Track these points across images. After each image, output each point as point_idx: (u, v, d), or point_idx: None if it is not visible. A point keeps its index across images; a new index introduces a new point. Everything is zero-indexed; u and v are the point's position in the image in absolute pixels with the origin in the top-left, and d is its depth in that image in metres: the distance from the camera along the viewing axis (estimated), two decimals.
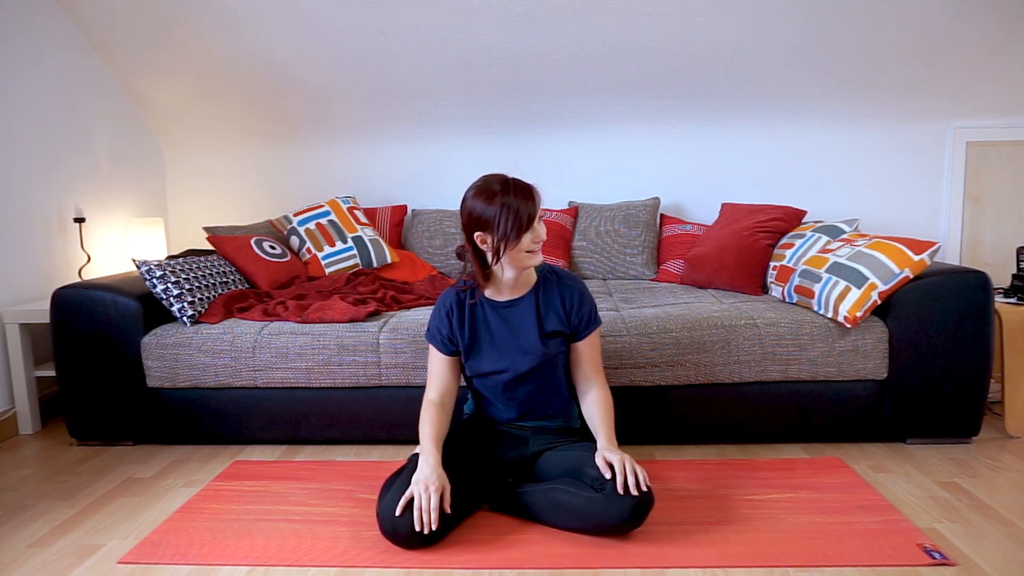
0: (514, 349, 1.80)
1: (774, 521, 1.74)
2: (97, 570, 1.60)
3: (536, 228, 1.69)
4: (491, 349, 1.81)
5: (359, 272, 3.02)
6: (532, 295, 1.82)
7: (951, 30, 2.88)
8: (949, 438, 2.25)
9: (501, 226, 1.65)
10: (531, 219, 1.67)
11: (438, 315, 1.85)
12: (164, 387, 2.32)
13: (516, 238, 1.66)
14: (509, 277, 1.78)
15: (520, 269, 1.75)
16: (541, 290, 1.83)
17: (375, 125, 3.47)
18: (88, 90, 3.07)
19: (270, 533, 1.74)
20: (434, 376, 1.86)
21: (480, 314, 1.82)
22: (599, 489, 1.64)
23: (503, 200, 1.65)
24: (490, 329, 1.82)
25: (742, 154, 3.42)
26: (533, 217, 1.68)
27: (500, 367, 1.80)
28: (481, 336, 1.82)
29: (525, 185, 1.70)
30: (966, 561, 1.56)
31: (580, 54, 3.04)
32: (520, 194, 1.67)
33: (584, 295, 1.83)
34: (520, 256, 1.70)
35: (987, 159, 3.30)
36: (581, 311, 1.81)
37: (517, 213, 1.65)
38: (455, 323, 1.82)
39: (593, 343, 1.85)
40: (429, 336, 1.87)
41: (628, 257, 3.17)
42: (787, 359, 2.20)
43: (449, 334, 1.83)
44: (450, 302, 1.84)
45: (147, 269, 2.33)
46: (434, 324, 1.85)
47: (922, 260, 2.13)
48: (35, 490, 2.06)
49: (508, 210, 1.64)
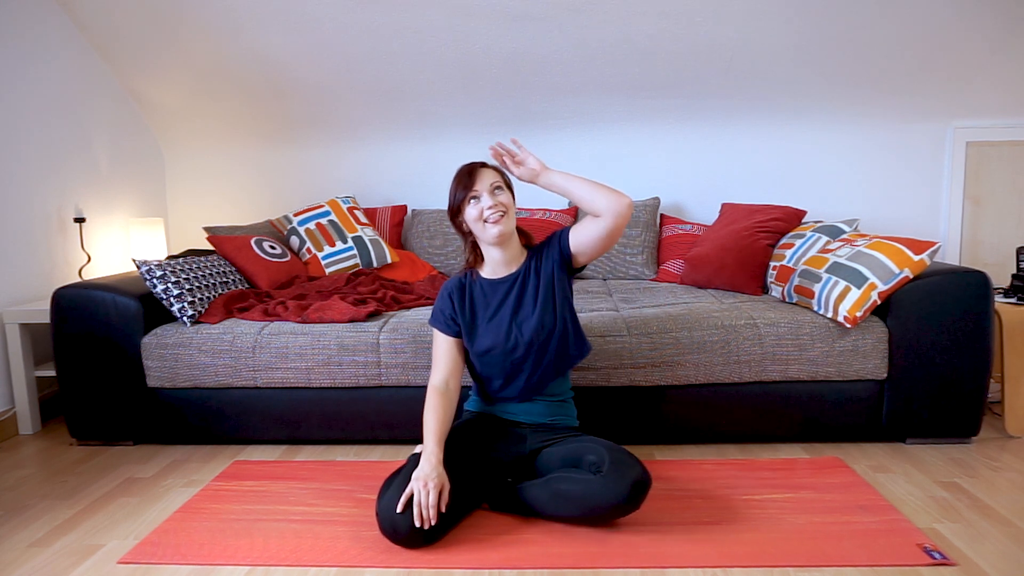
0: (512, 323, 1.83)
1: (774, 521, 1.74)
2: (97, 570, 1.60)
3: (481, 198, 1.76)
4: (489, 325, 1.85)
5: (359, 272, 3.02)
6: (525, 268, 1.87)
7: (951, 30, 2.88)
8: (949, 438, 2.25)
9: (448, 201, 1.83)
10: (467, 187, 1.78)
11: (441, 298, 1.91)
12: (164, 387, 2.32)
13: (459, 209, 1.80)
14: (494, 255, 1.86)
15: (489, 243, 1.82)
16: (532, 260, 1.88)
17: (375, 125, 3.48)
18: (88, 90, 3.07)
19: (270, 533, 1.74)
20: (438, 359, 1.88)
21: (479, 294, 1.89)
22: (597, 473, 1.66)
23: (453, 179, 1.82)
24: (488, 306, 1.86)
25: (742, 154, 3.42)
26: (470, 186, 1.78)
27: (498, 342, 1.82)
28: (479, 314, 1.87)
29: (474, 162, 1.83)
30: (966, 561, 1.56)
31: (580, 54, 3.04)
32: (464, 168, 1.82)
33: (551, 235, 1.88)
34: (479, 227, 1.79)
35: (987, 159, 3.30)
36: (552, 237, 1.86)
37: (454, 185, 1.81)
38: (456, 303, 1.87)
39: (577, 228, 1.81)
40: (432, 320, 1.91)
41: (628, 257, 3.16)
42: (787, 359, 2.20)
43: (452, 314, 1.87)
44: (453, 285, 1.91)
45: (147, 269, 2.33)
46: (437, 307, 1.91)
47: (922, 260, 2.13)
48: (35, 490, 2.06)
49: (452, 186, 1.82)
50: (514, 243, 1.87)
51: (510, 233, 1.83)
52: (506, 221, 1.78)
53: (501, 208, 1.77)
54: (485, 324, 1.85)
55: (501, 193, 1.80)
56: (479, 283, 1.89)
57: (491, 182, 1.79)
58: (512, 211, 1.82)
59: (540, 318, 1.81)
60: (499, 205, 1.77)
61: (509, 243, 1.85)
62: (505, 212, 1.78)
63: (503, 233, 1.78)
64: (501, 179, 1.83)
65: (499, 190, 1.79)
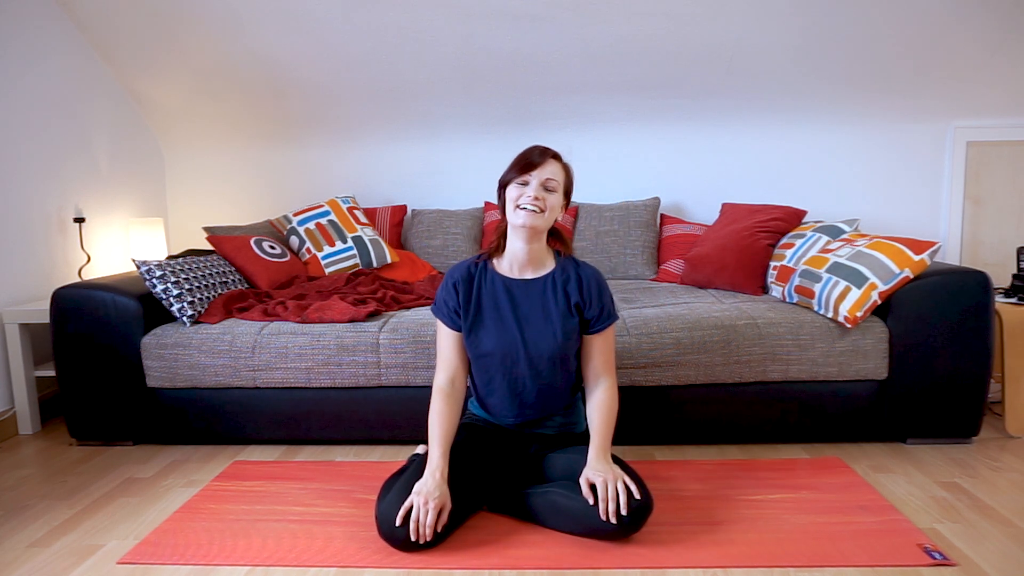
0: (518, 331, 1.74)
1: (774, 521, 1.74)
2: (97, 570, 1.60)
3: (531, 182, 1.68)
4: (494, 326, 1.75)
5: (359, 272, 3.02)
6: (547, 279, 1.77)
7: (951, 30, 2.88)
8: (949, 438, 2.24)
9: (503, 172, 1.73)
10: (523, 170, 1.69)
11: (445, 287, 1.80)
12: (164, 387, 2.32)
13: (505, 185, 1.72)
14: (516, 250, 1.75)
15: (513, 226, 1.72)
16: (558, 274, 1.78)
17: (375, 125, 3.47)
18: (88, 90, 3.07)
19: (269, 533, 1.74)
20: (443, 355, 1.81)
21: (489, 288, 1.78)
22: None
23: (522, 152, 1.73)
24: (497, 305, 1.76)
25: (742, 154, 3.42)
26: (526, 170, 1.69)
27: (501, 348, 1.75)
28: (486, 310, 1.76)
29: (547, 148, 1.73)
30: (966, 561, 1.56)
31: (580, 54, 3.04)
32: (535, 148, 1.72)
33: (603, 287, 1.78)
34: (510, 210, 1.70)
35: (987, 159, 3.30)
36: (601, 301, 1.76)
37: (514, 161, 1.71)
38: (462, 295, 1.77)
39: (607, 338, 1.78)
40: (435, 309, 1.82)
41: (628, 257, 3.16)
42: (787, 359, 2.20)
43: (456, 306, 1.77)
44: (459, 274, 1.79)
45: (147, 269, 2.33)
46: (441, 296, 1.80)
47: (922, 260, 2.13)
48: (35, 490, 2.06)
49: (514, 159, 1.72)
50: (540, 246, 1.77)
51: (538, 230, 1.71)
52: (539, 217, 1.67)
53: (541, 204, 1.66)
54: (490, 322, 1.76)
55: (552, 194, 1.69)
56: (491, 277, 1.78)
57: (549, 177, 1.69)
58: (553, 213, 1.71)
59: (552, 342, 1.73)
60: (541, 200, 1.67)
61: (535, 241, 1.74)
62: (543, 209, 1.67)
63: (529, 225, 1.67)
64: (562, 179, 1.73)
65: (551, 190, 1.69)
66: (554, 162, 1.72)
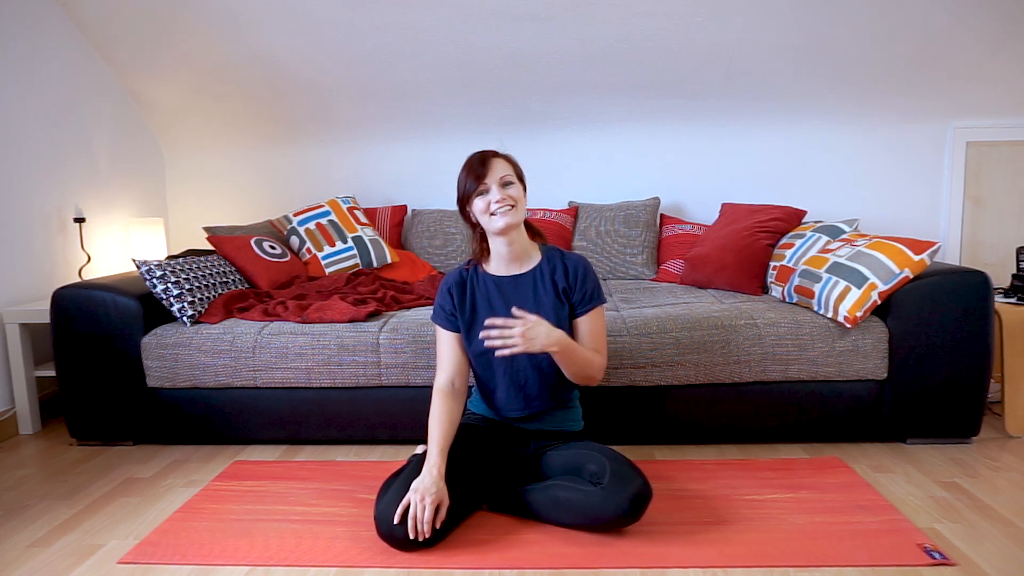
0: None
1: (774, 521, 1.74)
2: (97, 570, 1.60)
3: (490, 186, 1.72)
4: None
5: (359, 272, 3.02)
6: (535, 272, 1.82)
7: (951, 30, 2.88)
8: (949, 438, 2.24)
9: (457, 190, 1.77)
10: (477, 179, 1.72)
11: (441, 293, 1.86)
12: (164, 387, 2.32)
13: (467, 200, 1.75)
14: (500, 250, 1.80)
15: (494, 232, 1.76)
16: (545, 265, 1.83)
17: (375, 125, 3.47)
18: (88, 90, 3.07)
19: (270, 533, 1.74)
20: (443, 357, 1.85)
21: (482, 289, 1.84)
22: (597, 483, 1.65)
23: (463, 167, 1.77)
24: (490, 304, 1.81)
25: (742, 154, 3.42)
26: (480, 178, 1.72)
27: None
28: (480, 310, 1.81)
29: (487, 151, 1.77)
30: (966, 561, 1.56)
31: (580, 54, 3.04)
32: (476, 157, 1.76)
33: (588, 272, 1.82)
34: (485, 219, 1.74)
35: (987, 159, 3.30)
36: (585, 286, 1.80)
37: (463, 175, 1.76)
38: (456, 299, 1.83)
39: (594, 321, 1.81)
40: (434, 316, 1.87)
41: (628, 257, 3.16)
42: (787, 359, 2.20)
43: (452, 309, 1.83)
44: (452, 280, 1.86)
45: (147, 269, 2.33)
46: (438, 303, 1.86)
47: (922, 260, 2.13)
48: (35, 490, 2.06)
49: (461, 174, 1.77)
50: (521, 238, 1.81)
51: (517, 224, 1.76)
52: (514, 213, 1.72)
53: (509, 201, 1.71)
54: (485, 321, 1.79)
55: (511, 187, 1.74)
56: (482, 278, 1.84)
57: (502, 175, 1.73)
58: (521, 204, 1.76)
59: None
60: (507, 199, 1.71)
61: (515, 236, 1.78)
62: (514, 205, 1.72)
63: (509, 224, 1.72)
64: (512, 171, 1.77)
65: (509, 184, 1.74)
66: (498, 159, 1.77)
